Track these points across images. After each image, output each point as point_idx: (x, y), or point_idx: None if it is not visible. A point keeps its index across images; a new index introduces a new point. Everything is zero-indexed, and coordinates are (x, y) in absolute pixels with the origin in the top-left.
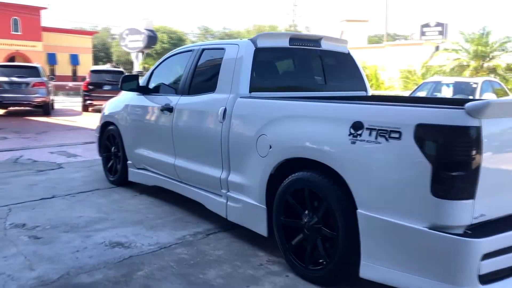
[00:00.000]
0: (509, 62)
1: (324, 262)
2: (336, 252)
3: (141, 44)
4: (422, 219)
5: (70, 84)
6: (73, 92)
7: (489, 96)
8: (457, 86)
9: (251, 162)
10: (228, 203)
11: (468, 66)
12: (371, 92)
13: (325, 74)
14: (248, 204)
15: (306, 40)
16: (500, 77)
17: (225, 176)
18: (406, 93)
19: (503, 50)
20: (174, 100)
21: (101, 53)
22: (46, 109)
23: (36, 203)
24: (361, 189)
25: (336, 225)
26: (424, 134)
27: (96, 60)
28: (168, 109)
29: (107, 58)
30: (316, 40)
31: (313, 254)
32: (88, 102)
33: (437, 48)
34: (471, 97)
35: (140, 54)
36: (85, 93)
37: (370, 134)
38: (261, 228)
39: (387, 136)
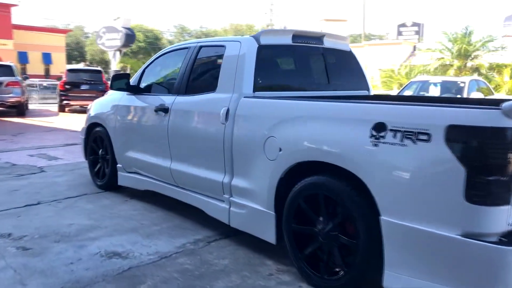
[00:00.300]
0: (491, 62)
1: (342, 272)
2: (355, 260)
3: (118, 43)
4: (454, 226)
5: (45, 83)
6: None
7: (476, 95)
8: (444, 85)
9: (258, 166)
10: (231, 208)
11: (452, 65)
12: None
13: (328, 72)
14: (254, 210)
15: (309, 37)
16: (483, 77)
17: (228, 180)
18: (393, 93)
19: (478, 50)
20: (169, 100)
21: (75, 52)
22: (20, 109)
23: (20, 210)
24: (385, 194)
25: (356, 232)
26: (457, 136)
27: (70, 59)
28: (163, 109)
29: (81, 57)
30: (318, 38)
31: (328, 263)
32: (65, 102)
33: (414, 48)
34: (458, 96)
35: (118, 52)
36: (61, 93)
37: (394, 136)
38: (269, 235)
39: (414, 138)
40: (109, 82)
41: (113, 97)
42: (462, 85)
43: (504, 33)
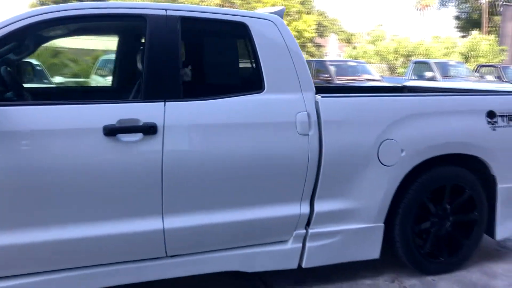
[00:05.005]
0: None
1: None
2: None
3: None
4: None
5: None
6: None
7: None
8: None
9: (367, 177)
10: (309, 244)
11: None
12: None
13: None
14: (353, 231)
15: None
16: None
17: (306, 210)
18: None
19: None
20: (148, 111)
21: None
22: None
23: None
24: (502, 168)
25: (479, 207)
26: None
27: None
28: (137, 129)
29: None
30: None
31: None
32: None
33: None
34: None
35: None
36: None
37: (502, 120)
38: (373, 252)
39: None
40: None
41: None
42: None
43: None
